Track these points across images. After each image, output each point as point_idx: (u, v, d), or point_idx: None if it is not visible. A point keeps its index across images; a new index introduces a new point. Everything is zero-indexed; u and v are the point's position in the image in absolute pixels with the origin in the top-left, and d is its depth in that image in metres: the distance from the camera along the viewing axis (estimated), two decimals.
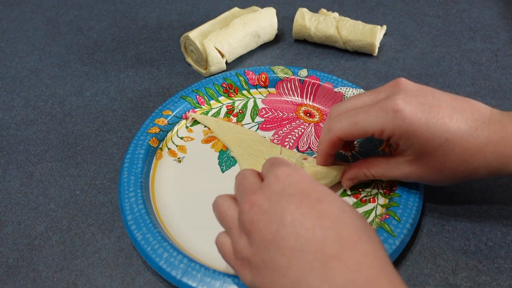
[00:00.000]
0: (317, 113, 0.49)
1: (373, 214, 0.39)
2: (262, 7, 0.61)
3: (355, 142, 0.45)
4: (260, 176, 0.31)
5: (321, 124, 0.48)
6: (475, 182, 0.42)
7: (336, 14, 0.62)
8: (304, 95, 0.51)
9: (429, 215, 0.39)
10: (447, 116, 0.32)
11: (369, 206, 0.39)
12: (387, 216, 0.37)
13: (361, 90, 0.48)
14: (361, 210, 0.39)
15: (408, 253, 0.37)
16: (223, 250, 0.30)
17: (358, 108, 0.35)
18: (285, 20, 0.65)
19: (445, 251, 0.37)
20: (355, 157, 0.44)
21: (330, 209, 0.26)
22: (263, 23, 0.59)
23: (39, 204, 0.42)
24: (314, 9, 0.64)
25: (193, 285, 0.32)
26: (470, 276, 0.35)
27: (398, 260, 0.36)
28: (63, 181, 0.44)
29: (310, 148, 0.45)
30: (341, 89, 0.49)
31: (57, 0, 0.75)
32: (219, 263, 0.35)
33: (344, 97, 0.48)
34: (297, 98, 0.51)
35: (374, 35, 0.56)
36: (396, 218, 0.36)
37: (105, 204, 0.42)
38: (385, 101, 0.33)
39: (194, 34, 0.55)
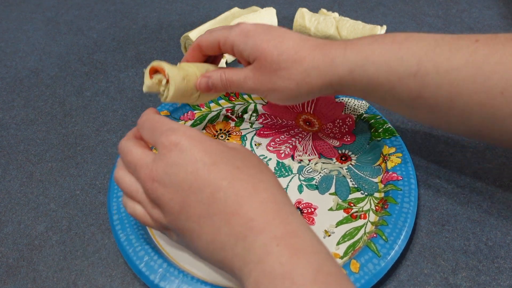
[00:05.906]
0: (317, 123, 0.47)
1: (362, 231, 0.37)
2: (262, 7, 0.61)
3: (351, 154, 0.44)
4: (142, 140, 0.33)
5: (319, 134, 0.46)
6: (475, 182, 0.42)
7: (336, 14, 0.62)
8: (305, 103, 0.49)
9: (429, 215, 0.39)
10: (279, 30, 0.37)
11: (360, 222, 0.38)
12: (375, 235, 0.35)
13: (363, 101, 0.48)
14: (351, 226, 0.38)
15: (408, 253, 0.37)
16: (143, 221, 0.31)
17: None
18: (285, 20, 0.65)
19: (445, 251, 0.37)
20: (351, 171, 0.44)
21: (225, 170, 0.28)
22: (263, 23, 0.58)
23: (39, 204, 0.42)
24: (314, 9, 0.64)
25: None
26: (470, 276, 0.35)
27: (398, 260, 0.36)
28: (63, 181, 0.44)
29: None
30: (342, 99, 0.48)
31: (57, 0, 0.75)
32: (200, 270, 0.35)
33: (344, 107, 0.47)
34: (298, 105, 0.49)
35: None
36: (383, 237, 0.35)
37: (105, 204, 0.41)
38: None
39: (194, 34, 0.55)
